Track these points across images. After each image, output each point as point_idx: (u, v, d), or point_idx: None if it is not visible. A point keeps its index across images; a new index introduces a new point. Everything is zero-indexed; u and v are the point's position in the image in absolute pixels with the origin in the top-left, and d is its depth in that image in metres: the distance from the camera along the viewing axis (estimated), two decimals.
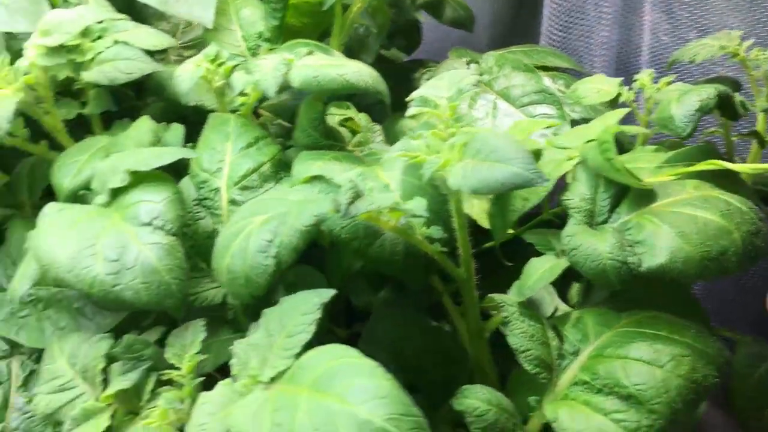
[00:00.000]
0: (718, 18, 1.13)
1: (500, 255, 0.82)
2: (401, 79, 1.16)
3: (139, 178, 0.68)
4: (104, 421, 0.62)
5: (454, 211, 0.69)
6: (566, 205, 0.72)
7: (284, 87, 0.75)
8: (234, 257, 0.60)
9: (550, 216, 0.86)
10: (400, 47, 1.23)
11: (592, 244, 0.66)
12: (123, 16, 0.78)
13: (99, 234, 0.64)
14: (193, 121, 0.89)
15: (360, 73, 0.75)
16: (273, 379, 0.57)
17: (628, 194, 0.71)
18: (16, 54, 0.81)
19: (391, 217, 0.66)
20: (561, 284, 0.77)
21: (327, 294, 0.58)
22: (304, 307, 0.58)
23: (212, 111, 0.89)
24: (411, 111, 0.70)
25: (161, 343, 0.69)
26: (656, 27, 1.19)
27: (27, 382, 0.78)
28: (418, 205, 0.64)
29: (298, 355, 0.57)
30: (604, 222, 0.71)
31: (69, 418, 0.63)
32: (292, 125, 0.89)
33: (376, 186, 0.69)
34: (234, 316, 0.73)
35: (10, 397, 0.77)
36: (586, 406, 0.65)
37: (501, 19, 1.45)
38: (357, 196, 0.60)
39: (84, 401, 0.63)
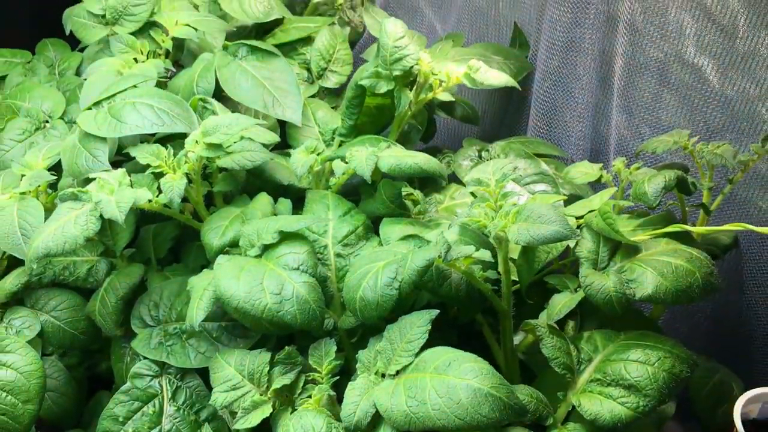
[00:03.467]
0: (666, 116, 1.45)
1: (524, 294, 1.10)
2: None
3: (284, 237, 0.94)
4: (268, 409, 0.87)
5: (501, 260, 0.98)
6: (578, 256, 1.01)
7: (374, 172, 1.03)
8: (365, 290, 0.87)
9: (558, 266, 1.16)
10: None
11: (601, 282, 0.96)
12: (256, 120, 1.06)
13: (262, 276, 0.90)
14: (272, 194, 1.17)
15: (429, 161, 1.05)
16: (398, 372, 0.84)
17: (621, 247, 1.01)
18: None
19: (463, 263, 0.94)
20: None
21: (435, 312, 0.85)
22: (419, 322, 0.85)
23: (290, 186, 1.17)
24: (470, 188, 1.00)
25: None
26: (619, 123, 1.52)
27: (174, 395, 1.02)
28: (485, 255, 0.93)
29: (417, 354, 0.84)
30: (605, 267, 1.00)
31: (240, 409, 0.88)
32: (356, 198, 1.18)
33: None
34: (338, 339, 1.00)
35: (164, 406, 1.01)
36: (600, 395, 0.93)
37: (492, 114, 1.77)
38: (449, 247, 0.89)
39: (251, 396, 0.88)
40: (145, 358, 1.03)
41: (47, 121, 1.30)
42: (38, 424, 1.21)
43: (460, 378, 0.77)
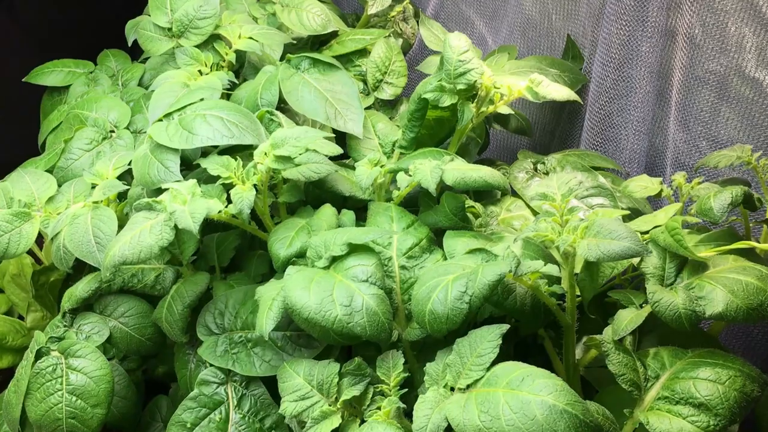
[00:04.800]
0: (725, 131, 1.44)
1: (586, 309, 1.10)
2: None
3: (351, 249, 0.96)
4: (337, 420, 0.88)
5: (567, 275, 0.98)
6: (644, 271, 1.01)
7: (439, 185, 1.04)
8: (434, 303, 0.88)
9: (620, 281, 1.16)
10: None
11: (670, 298, 0.95)
12: (324, 133, 1.08)
13: (332, 288, 0.91)
14: (333, 206, 1.19)
15: (492, 174, 1.05)
16: (468, 386, 0.85)
17: (687, 264, 1.01)
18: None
19: (530, 278, 0.95)
20: None
21: (505, 327, 0.86)
22: (489, 336, 0.85)
23: (350, 197, 1.18)
24: (536, 202, 1.00)
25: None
26: (675, 138, 1.51)
27: (240, 403, 1.04)
28: (553, 269, 0.93)
29: (488, 368, 0.84)
30: (672, 283, 1.00)
31: (309, 419, 0.89)
32: (414, 209, 1.19)
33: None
34: (402, 351, 1.01)
35: (230, 413, 1.03)
36: (669, 413, 0.92)
37: (543, 126, 1.77)
38: (519, 261, 0.89)
39: (321, 406, 0.89)
40: (211, 365, 1.04)
41: (113, 131, 1.33)
42: (102, 428, 1.24)
43: (535, 394, 0.77)
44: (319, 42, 1.63)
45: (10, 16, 1.93)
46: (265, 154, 1.02)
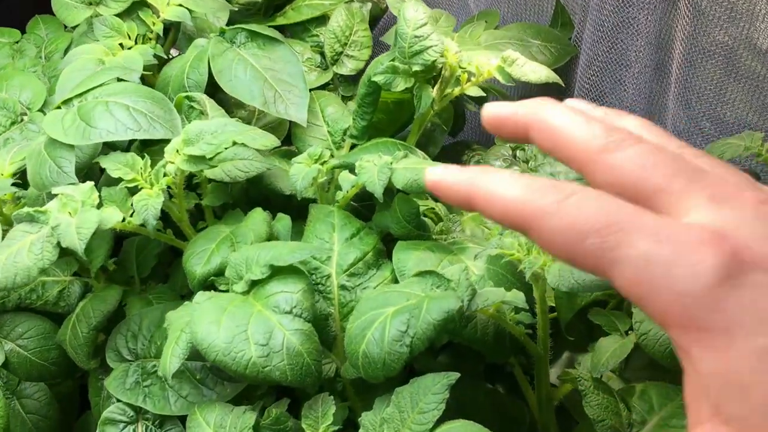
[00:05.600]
0: (732, 111, 1.27)
1: (565, 332, 0.94)
2: (451, 161, 1.29)
3: (275, 271, 0.79)
4: None
5: (538, 299, 0.81)
6: None
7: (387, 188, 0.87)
8: (369, 344, 0.71)
9: (604, 296, 0.99)
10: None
11: (660, 330, 0.78)
12: (248, 127, 0.90)
13: (248, 321, 0.75)
14: (274, 204, 1.02)
15: None
16: None
17: None
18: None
19: (491, 306, 0.78)
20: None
21: (454, 376, 0.69)
22: (435, 388, 0.69)
23: (293, 196, 1.01)
24: None
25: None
26: (676, 117, 1.34)
27: None
28: (518, 298, 0.76)
29: (431, 429, 0.68)
30: None
31: None
32: (371, 204, 1.02)
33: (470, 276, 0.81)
34: (342, 388, 0.85)
35: None
36: None
37: None
38: (473, 293, 0.72)
39: None
40: (118, 400, 0.88)
41: (25, 114, 1.15)
42: None
43: None
44: (273, 8, 1.44)
45: None
46: (177, 151, 0.85)
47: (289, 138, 1.15)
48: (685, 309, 0.36)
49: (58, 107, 0.93)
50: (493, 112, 0.46)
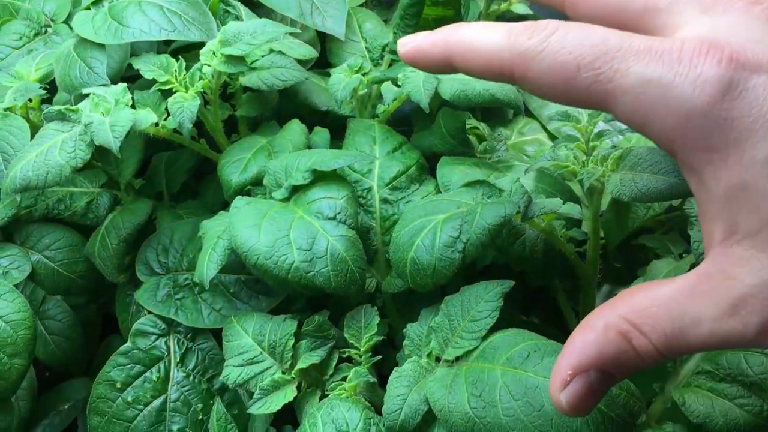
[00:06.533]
0: None
1: (611, 256, 0.90)
2: None
3: (317, 177, 0.75)
4: (291, 393, 0.70)
5: (591, 216, 0.77)
6: (687, 214, 0.80)
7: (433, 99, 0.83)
8: (418, 251, 0.68)
9: (651, 223, 0.95)
10: None
11: None
12: (288, 28, 0.86)
13: (290, 226, 0.71)
14: (309, 122, 0.98)
15: (503, 88, 0.83)
16: (458, 359, 0.66)
17: None
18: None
19: (543, 219, 0.74)
20: None
21: (508, 284, 0.66)
22: (488, 296, 0.66)
23: (329, 112, 0.97)
24: (555, 124, 0.79)
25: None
26: None
27: (183, 359, 0.86)
28: (575, 209, 0.72)
29: (484, 337, 0.65)
30: None
31: (258, 389, 0.70)
32: (407, 129, 0.98)
33: None
34: (382, 304, 0.81)
35: (170, 371, 0.85)
36: (711, 392, 0.73)
37: None
38: (530, 201, 0.69)
39: (272, 374, 0.71)
40: (149, 312, 0.86)
41: (49, 26, 1.10)
42: (44, 369, 1.08)
43: (544, 376, 0.58)
44: None
45: None
46: (214, 53, 0.80)
47: (320, 61, 1.11)
48: (692, 129, 0.35)
49: (87, 8, 0.89)
50: (408, 42, 0.46)
